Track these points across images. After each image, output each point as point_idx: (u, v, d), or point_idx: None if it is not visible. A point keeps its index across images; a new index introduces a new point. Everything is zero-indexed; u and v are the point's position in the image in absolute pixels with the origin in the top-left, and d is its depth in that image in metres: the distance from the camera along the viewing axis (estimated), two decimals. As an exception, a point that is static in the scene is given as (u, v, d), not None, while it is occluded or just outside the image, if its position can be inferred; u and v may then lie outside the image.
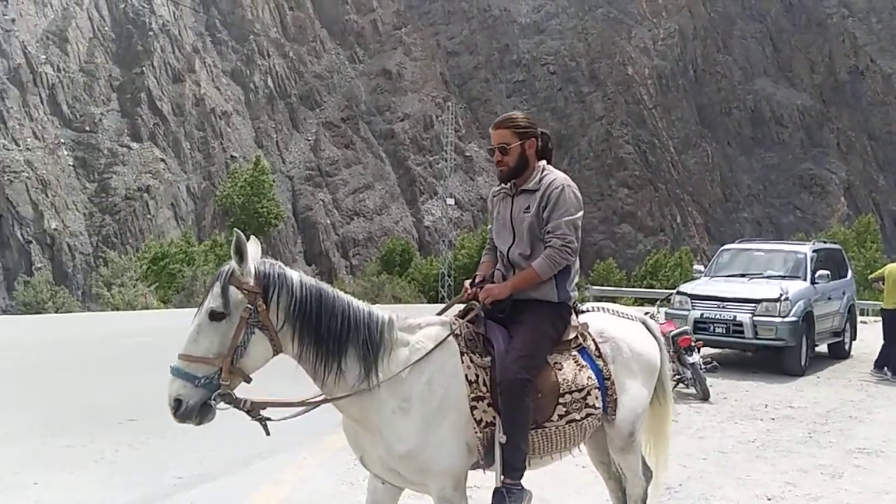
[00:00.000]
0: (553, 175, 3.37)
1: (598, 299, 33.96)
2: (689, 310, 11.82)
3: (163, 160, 78.58)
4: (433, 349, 3.01)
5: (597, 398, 3.24)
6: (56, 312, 27.59)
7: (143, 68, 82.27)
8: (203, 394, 2.71)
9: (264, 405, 2.86)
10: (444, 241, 73.10)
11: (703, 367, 9.56)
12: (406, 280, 48.17)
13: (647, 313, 10.35)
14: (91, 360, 11.29)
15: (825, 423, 8.17)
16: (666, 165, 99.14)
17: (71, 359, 11.90)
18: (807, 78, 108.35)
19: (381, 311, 3.07)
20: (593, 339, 3.35)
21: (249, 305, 2.74)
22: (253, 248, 2.91)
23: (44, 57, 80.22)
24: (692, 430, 7.69)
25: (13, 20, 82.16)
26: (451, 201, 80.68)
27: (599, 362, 3.30)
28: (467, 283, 3.37)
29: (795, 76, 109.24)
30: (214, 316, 2.74)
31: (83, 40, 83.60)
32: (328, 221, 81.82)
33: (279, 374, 3.12)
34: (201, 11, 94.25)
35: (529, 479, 3.16)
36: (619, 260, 71.43)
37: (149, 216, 73.51)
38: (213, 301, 2.75)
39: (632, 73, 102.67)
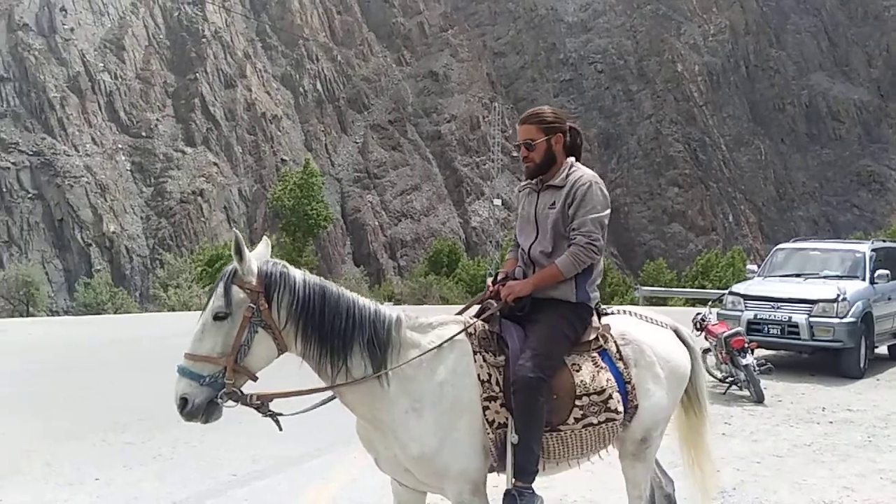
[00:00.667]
0: (581, 172, 3.27)
1: (648, 300, 33.47)
2: (742, 311, 11.59)
3: (215, 164, 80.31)
4: (442, 347, 2.96)
5: (618, 402, 3.10)
6: (115, 313, 28.43)
7: (197, 74, 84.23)
8: (209, 392, 2.73)
9: (271, 397, 2.85)
10: (490, 241, 73.07)
11: (756, 369, 9.36)
12: (453, 281, 48.25)
13: (698, 314, 10.24)
14: (149, 360, 11.61)
15: (885, 427, 7.93)
16: (717, 163, 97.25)
17: (130, 358, 12.26)
18: (864, 72, 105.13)
19: (389, 310, 3.03)
20: (614, 341, 3.21)
21: (252, 305, 2.75)
22: (262, 248, 2.93)
23: (101, 65, 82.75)
24: (746, 434, 7.55)
25: (72, 29, 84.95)
26: (497, 202, 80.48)
27: (620, 365, 3.16)
28: (489, 280, 3.34)
29: (852, 70, 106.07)
30: (218, 316, 2.75)
31: (139, 48, 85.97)
32: (376, 223, 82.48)
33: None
34: (252, 17, 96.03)
35: (565, 479, 3.12)
36: (669, 260, 70.37)
37: (202, 219, 75.21)
38: (216, 301, 2.76)
39: (681, 70, 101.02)
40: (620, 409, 3.11)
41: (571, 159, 3.34)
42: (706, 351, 10.18)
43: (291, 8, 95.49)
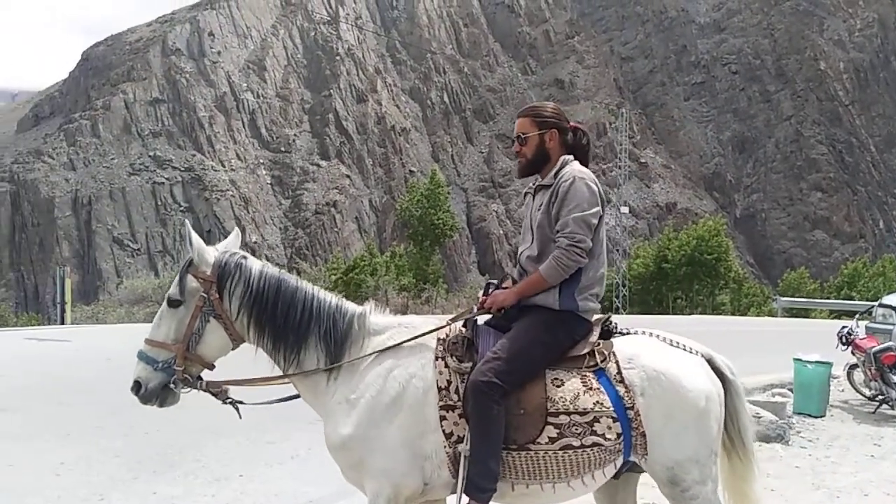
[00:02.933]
0: (569, 168, 2.96)
1: (788, 312, 31.66)
2: (893, 324, 10.80)
3: (348, 176, 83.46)
4: (402, 346, 2.82)
5: (609, 428, 2.75)
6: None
7: (331, 91, 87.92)
8: (162, 377, 2.75)
9: (220, 384, 2.86)
10: (618, 250, 71.42)
11: (909, 387, 8.70)
12: (580, 290, 47.67)
13: (844, 328, 9.63)
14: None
15: None
16: (866, 166, 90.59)
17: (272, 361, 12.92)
18: None
19: (353, 305, 2.94)
20: (616, 363, 2.83)
21: (204, 294, 2.76)
22: (232, 238, 2.98)
23: (245, 85, 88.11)
24: (896, 457, 7.04)
25: (219, 52, 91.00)
26: (625, 209, 78.62)
27: (620, 388, 2.78)
28: (481, 293, 3.04)
29: None
30: (171, 303, 2.79)
31: (279, 68, 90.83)
32: (501, 232, 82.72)
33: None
34: (382, 34, 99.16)
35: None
36: (811, 269, 66.15)
37: (335, 229, 78.31)
38: (171, 288, 2.81)
39: (825, 68, 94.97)
40: (612, 436, 2.75)
41: (568, 157, 3.02)
42: (853, 367, 9.56)
43: (420, 23, 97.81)
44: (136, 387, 2.77)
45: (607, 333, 2.98)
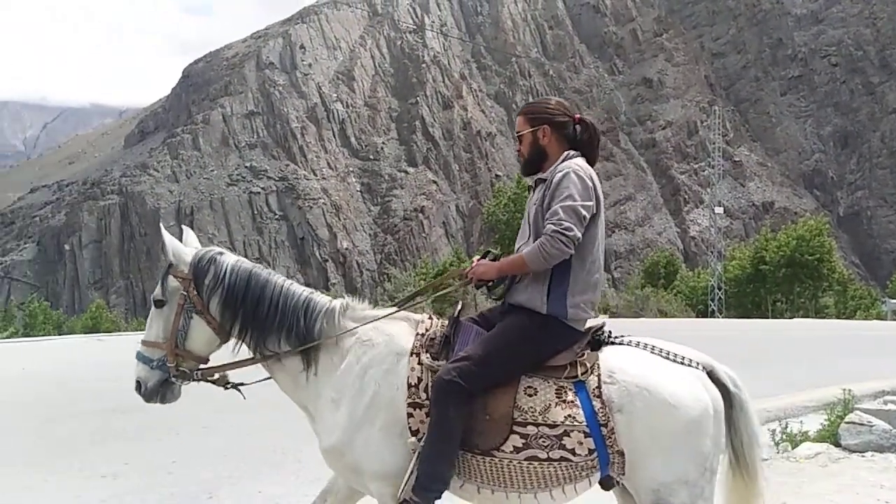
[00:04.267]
0: (567, 162, 2.82)
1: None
2: None
3: (435, 182, 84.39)
4: (376, 343, 2.77)
5: (579, 443, 2.59)
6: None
7: (418, 98, 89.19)
8: (160, 375, 2.83)
9: (212, 371, 2.89)
10: (712, 251, 69.26)
11: None
12: (672, 293, 46.46)
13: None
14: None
15: None
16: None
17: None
18: None
19: (325, 299, 2.90)
20: (598, 376, 2.66)
21: (184, 292, 2.81)
22: (188, 236, 2.99)
23: (335, 95, 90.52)
24: None
25: (310, 65, 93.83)
26: (719, 210, 76.17)
27: (596, 403, 2.61)
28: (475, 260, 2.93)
29: None
30: (157, 303, 2.87)
31: (367, 78, 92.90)
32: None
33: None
34: (468, 40, 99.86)
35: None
36: (924, 270, 62.35)
37: (423, 234, 79.33)
38: (156, 290, 2.88)
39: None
40: (583, 452, 2.59)
41: (571, 153, 2.89)
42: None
43: (504, 27, 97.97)
44: (138, 386, 2.86)
45: (597, 343, 2.79)
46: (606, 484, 2.75)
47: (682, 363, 2.73)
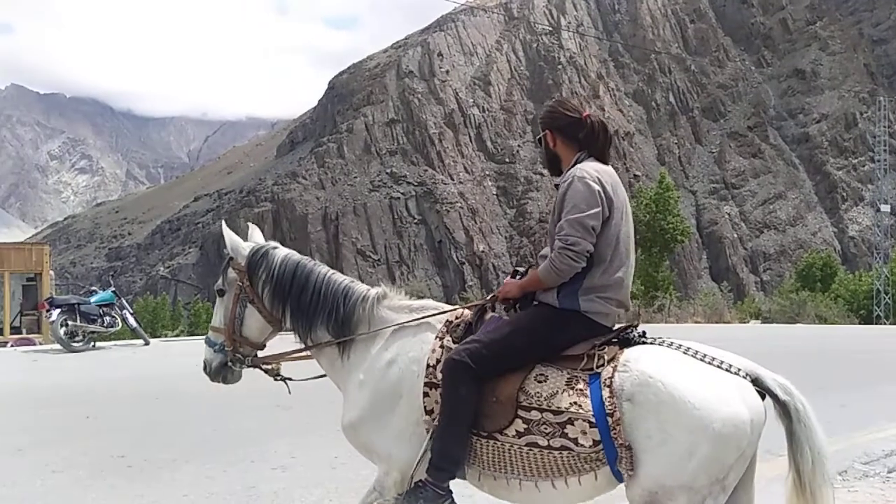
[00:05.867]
0: (574, 168, 2.79)
1: None
2: None
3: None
4: (406, 328, 2.89)
5: (583, 433, 2.51)
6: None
7: (554, 99, 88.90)
8: (221, 358, 3.07)
9: (263, 360, 3.11)
10: (875, 252, 64.38)
11: None
12: (830, 298, 43.67)
13: None
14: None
15: None
16: None
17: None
18: None
19: (363, 287, 3.04)
20: (614, 367, 2.59)
21: (239, 283, 3.04)
22: (253, 233, 3.23)
23: (471, 100, 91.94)
24: None
25: (447, 71, 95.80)
26: (885, 208, 70.67)
27: (605, 392, 2.52)
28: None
29: None
30: (219, 293, 3.13)
31: (503, 82, 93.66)
32: (734, 235, 78.15)
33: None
34: (604, 38, 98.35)
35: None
36: None
37: (559, 237, 79.08)
38: (218, 281, 3.15)
39: None
40: (587, 442, 2.51)
41: (581, 155, 2.85)
42: None
43: (643, 24, 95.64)
44: (204, 367, 3.13)
45: (626, 341, 2.70)
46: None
47: (719, 367, 2.56)
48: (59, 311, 11.56)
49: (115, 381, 8.94)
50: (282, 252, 3.07)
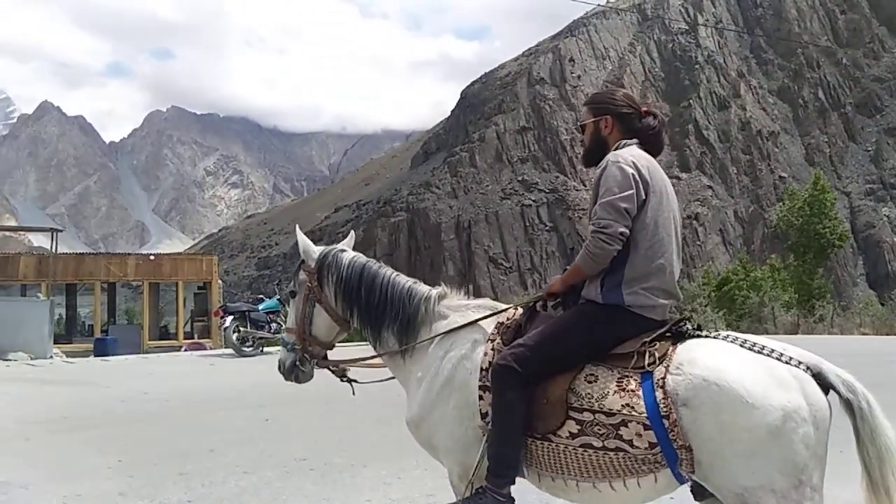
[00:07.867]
0: (612, 153, 2.77)
1: None
2: None
3: (710, 187, 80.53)
4: (457, 328, 2.93)
5: (638, 435, 2.48)
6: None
7: (690, 101, 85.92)
8: (293, 357, 3.18)
9: (330, 363, 3.22)
10: None
11: None
12: None
13: None
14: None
15: None
16: None
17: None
18: None
19: (425, 287, 3.11)
20: (666, 367, 2.52)
21: (309, 284, 3.15)
22: (348, 240, 3.37)
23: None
24: None
25: (578, 77, 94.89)
26: None
27: (658, 394, 2.47)
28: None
29: None
30: (290, 294, 3.27)
31: (637, 84, 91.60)
32: (895, 240, 72.35)
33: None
34: (745, 35, 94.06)
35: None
36: None
37: (698, 243, 76.09)
38: (291, 282, 3.30)
39: None
40: (643, 444, 2.48)
41: (625, 142, 2.83)
42: None
43: (788, 17, 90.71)
44: (279, 366, 3.26)
45: (679, 335, 2.65)
46: (698, 492, 2.63)
47: (778, 359, 2.50)
48: (231, 317, 12.67)
49: (284, 385, 9.67)
50: (349, 255, 3.18)
